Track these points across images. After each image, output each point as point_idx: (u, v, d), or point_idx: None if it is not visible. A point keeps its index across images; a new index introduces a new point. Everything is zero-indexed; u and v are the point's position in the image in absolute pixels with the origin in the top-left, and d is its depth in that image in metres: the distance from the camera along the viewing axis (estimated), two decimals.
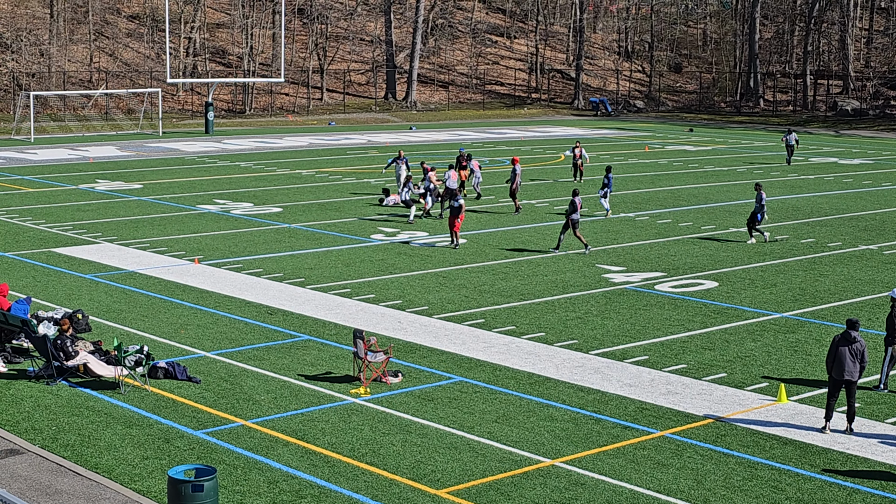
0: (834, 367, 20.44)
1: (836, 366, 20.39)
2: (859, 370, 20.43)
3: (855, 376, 20.39)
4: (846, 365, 20.32)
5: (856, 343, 20.38)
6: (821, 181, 57.14)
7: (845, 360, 20.32)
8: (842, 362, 20.34)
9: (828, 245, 39.08)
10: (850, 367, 20.34)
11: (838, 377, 20.42)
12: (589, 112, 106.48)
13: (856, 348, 20.37)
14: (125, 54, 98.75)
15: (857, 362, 20.38)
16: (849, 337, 20.39)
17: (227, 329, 27.31)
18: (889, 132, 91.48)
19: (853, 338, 20.37)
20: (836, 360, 20.38)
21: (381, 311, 29.16)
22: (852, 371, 20.35)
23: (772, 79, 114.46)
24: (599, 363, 24.82)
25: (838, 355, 20.37)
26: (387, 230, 40.81)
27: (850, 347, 20.36)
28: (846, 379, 20.38)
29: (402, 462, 18.95)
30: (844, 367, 20.34)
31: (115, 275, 33.20)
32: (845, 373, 20.35)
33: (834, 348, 20.47)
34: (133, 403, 21.75)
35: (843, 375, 20.37)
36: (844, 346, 20.39)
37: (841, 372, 20.37)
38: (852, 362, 20.33)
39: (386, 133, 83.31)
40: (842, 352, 20.37)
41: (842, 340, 20.44)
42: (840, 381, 20.45)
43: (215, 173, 57.36)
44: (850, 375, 20.36)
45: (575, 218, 36.84)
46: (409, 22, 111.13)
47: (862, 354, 20.38)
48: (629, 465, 19.00)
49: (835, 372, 20.44)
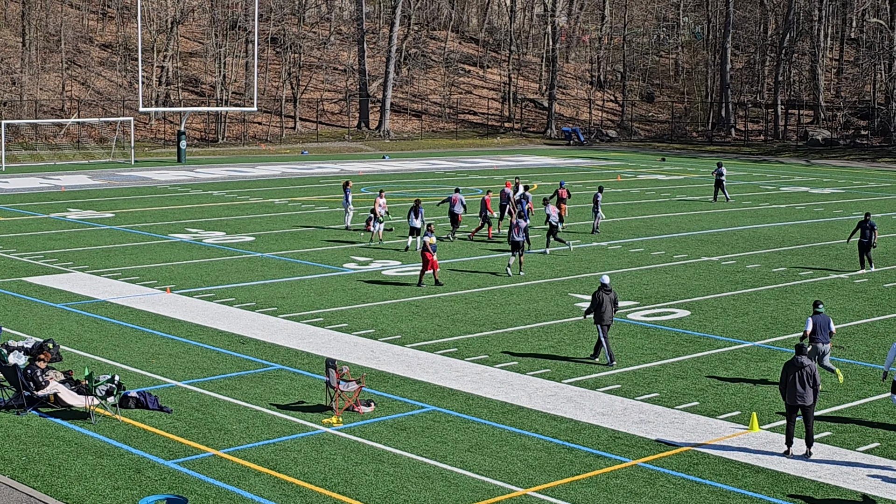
0: (787, 394, 20.76)
1: (789, 392, 20.76)
2: (812, 394, 20.69)
3: (808, 400, 20.68)
4: (797, 390, 20.64)
5: (805, 368, 20.69)
6: (792, 210, 57.45)
7: (796, 386, 20.63)
8: (793, 388, 20.69)
9: (799, 274, 39.26)
10: (802, 392, 20.65)
11: (791, 403, 20.74)
12: (562, 141, 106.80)
13: (806, 373, 20.67)
14: (97, 83, 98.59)
15: (810, 386, 20.65)
16: (797, 362, 20.74)
17: (198, 358, 27.21)
18: (859, 161, 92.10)
19: (801, 363, 20.69)
20: (788, 386, 20.70)
21: (353, 341, 29.11)
22: (804, 395, 20.65)
23: (743, 108, 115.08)
24: (572, 392, 24.83)
25: (789, 381, 20.67)
26: (359, 259, 40.77)
27: (800, 373, 20.67)
28: (799, 404, 20.67)
29: (375, 491, 18.88)
30: (796, 392, 20.65)
31: (86, 304, 33.05)
32: (798, 398, 20.67)
33: (784, 375, 20.81)
34: (104, 433, 21.62)
35: (795, 401, 20.70)
36: (794, 371, 20.71)
37: (794, 398, 20.71)
38: (803, 387, 20.64)
39: (359, 162, 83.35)
40: (792, 378, 20.69)
41: (791, 366, 20.74)
42: (794, 407, 20.74)
43: (187, 202, 57.24)
44: (802, 400, 20.67)
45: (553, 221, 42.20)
46: (382, 51, 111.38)
47: (813, 378, 20.68)
48: (602, 493, 18.99)
49: (788, 398, 20.77)
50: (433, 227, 38.38)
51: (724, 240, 46.65)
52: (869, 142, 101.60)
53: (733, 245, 45.24)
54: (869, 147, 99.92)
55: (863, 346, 29.25)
